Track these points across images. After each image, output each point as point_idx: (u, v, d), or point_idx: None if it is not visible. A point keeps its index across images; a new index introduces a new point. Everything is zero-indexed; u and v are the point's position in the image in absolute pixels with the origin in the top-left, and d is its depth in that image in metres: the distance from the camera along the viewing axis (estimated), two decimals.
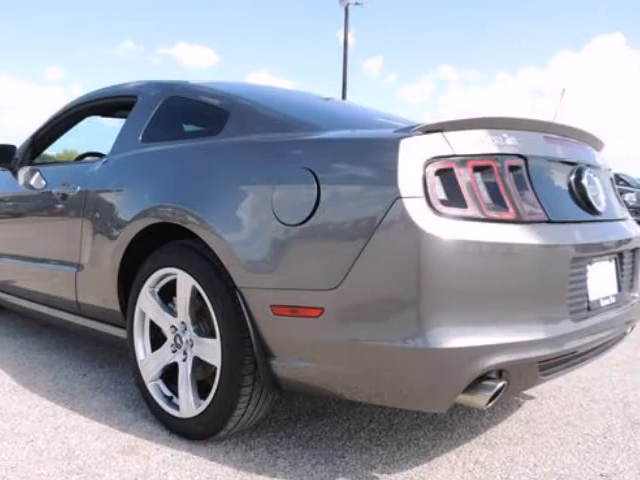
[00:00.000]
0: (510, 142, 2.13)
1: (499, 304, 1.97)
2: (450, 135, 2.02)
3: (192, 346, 2.46)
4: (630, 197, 18.58)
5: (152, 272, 2.59)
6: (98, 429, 2.57)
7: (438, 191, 1.95)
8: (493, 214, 1.99)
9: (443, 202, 1.94)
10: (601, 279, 2.38)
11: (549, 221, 2.13)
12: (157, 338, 2.66)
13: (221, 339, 2.29)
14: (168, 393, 2.60)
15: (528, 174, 2.14)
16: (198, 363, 2.45)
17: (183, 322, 2.49)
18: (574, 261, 2.16)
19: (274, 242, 2.15)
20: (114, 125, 3.56)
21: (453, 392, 1.96)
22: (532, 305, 2.04)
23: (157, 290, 2.62)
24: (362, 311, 1.98)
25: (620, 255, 2.54)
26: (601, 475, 2.27)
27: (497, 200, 2.03)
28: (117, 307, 2.86)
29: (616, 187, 2.90)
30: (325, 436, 2.54)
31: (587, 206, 2.37)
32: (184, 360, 2.49)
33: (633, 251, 2.66)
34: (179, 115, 3.07)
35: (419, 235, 1.86)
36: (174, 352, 2.53)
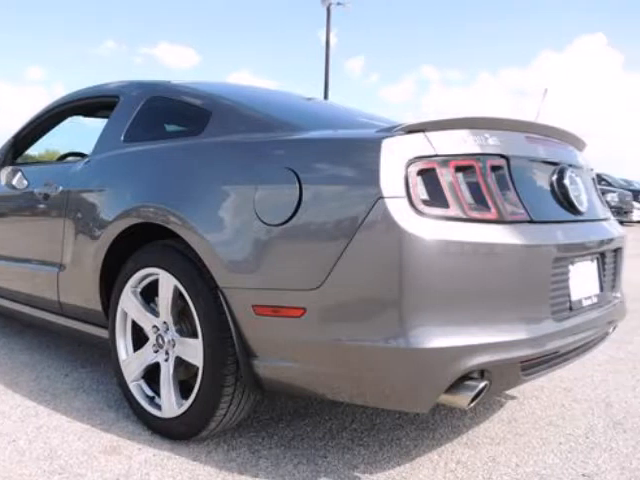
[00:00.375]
0: (492, 142, 2.14)
1: (481, 304, 1.98)
2: (432, 135, 2.02)
3: (174, 346, 2.45)
4: (612, 197, 18.80)
5: (134, 272, 2.58)
6: (80, 429, 2.56)
7: (420, 191, 1.95)
8: (475, 214, 2.00)
9: (425, 202, 1.94)
10: (583, 279, 2.39)
11: (531, 221, 2.13)
12: (139, 338, 2.64)
13: (203, 339, 2.28)
14: (150, 393, 2.59)
15: (510, 174, 2.15)
16: (180, 363, 2.44)
17: (165, 322, 2.48)
18: (556, 261, 2.16)
19: (256, 242, 2.14)
20: (96, 125, 3.53)
21: (435, 392, 1.97)
22: (514, 305, 2.04)
23: (139, 290, 2.61)
24: (344, 311, 1.98)
25: (602, 255, 2.55)
26: (583, 475, 2.28)
27: (479, 200, 2.03)
28: (99, 307, 2.84)
29: (598, 187, 2.92)
30: (307, 436, 2.54)
31: (569, 206, 2.38)
32: (166, 360, 2.48)
33: (615, 251, 2.67)
34: (161, 115, 3.05)
35: (401, 235, 1.86)
36: (156, 352, 2.52)
